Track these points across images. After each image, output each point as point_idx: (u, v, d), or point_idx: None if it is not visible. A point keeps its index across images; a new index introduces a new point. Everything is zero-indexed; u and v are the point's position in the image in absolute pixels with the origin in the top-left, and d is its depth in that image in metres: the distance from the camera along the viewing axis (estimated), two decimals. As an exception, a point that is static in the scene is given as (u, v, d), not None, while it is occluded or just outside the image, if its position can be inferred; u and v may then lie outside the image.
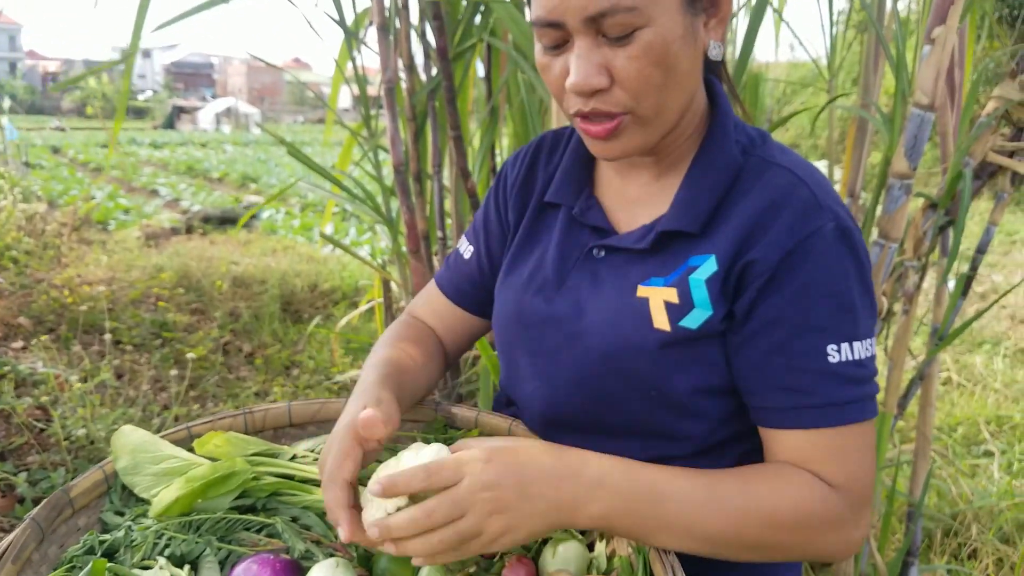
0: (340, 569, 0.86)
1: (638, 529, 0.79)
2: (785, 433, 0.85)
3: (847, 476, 0.83)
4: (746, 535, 0.80)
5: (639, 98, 0.82)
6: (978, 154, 1.64)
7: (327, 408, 1.20)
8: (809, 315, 0.82)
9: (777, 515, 0.80)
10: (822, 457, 0.83)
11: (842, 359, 0.82)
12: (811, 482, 0.83)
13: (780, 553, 0.83)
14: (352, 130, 2.32)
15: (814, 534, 0.82)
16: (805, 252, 0.82)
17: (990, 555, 2.11)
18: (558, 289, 0.97)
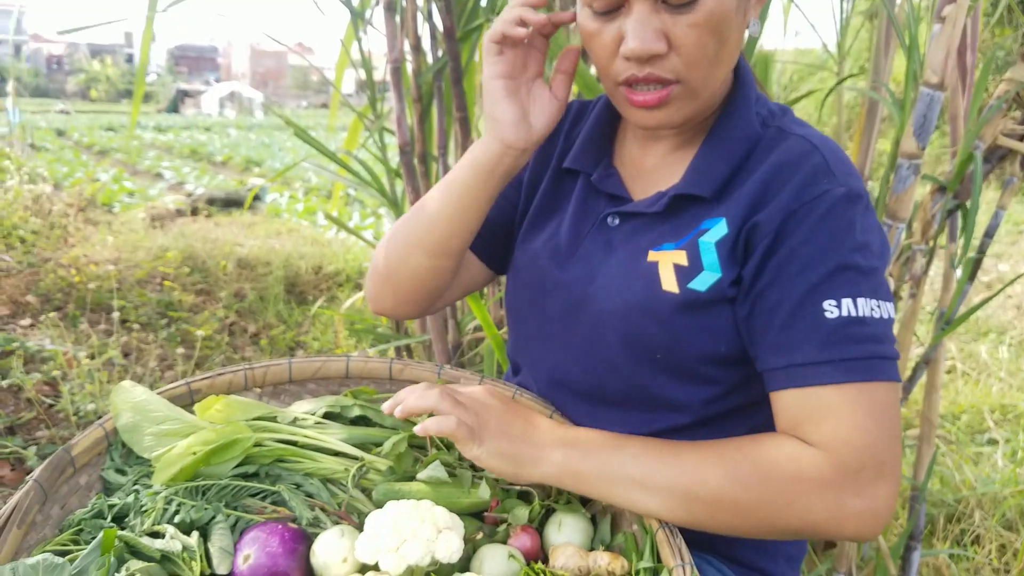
0: (346, 537, 0.87)
1: (593, 479, 0.84)
2: (781, 395, 0.82)
3: (833, 437, 0.78)
4: (707, 487, 0.79)
5: (692, 67, 0.82)
6: (988, 137, 1.63)
7: (328, 366, 1.19)
8: (805, 273, 0.81)
9: (739, 467, 0.79)
10: (808, 416, 0.80)
11: (842, 315, 0.79)
12: (782, 440, 0.81)
13: (759, 516, 0.79)
14: (358, 112, 2.31)
15: (787, 492, 0.78)
16: (806, 213, 0.82)
17: (993, 541, 2.12)
18: (571, 256, 0.98)
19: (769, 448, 0.80)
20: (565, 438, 0.87)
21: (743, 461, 0.80)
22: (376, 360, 1.20)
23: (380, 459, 1.04)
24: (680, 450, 0.83)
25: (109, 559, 0.77)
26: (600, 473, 0.83)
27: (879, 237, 0.85)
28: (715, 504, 0.79)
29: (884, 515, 0.78)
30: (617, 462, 0.83)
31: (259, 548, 0.84)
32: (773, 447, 0.80)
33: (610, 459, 0.84)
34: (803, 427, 0.80)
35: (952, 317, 1.66)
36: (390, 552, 0.81)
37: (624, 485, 0.82)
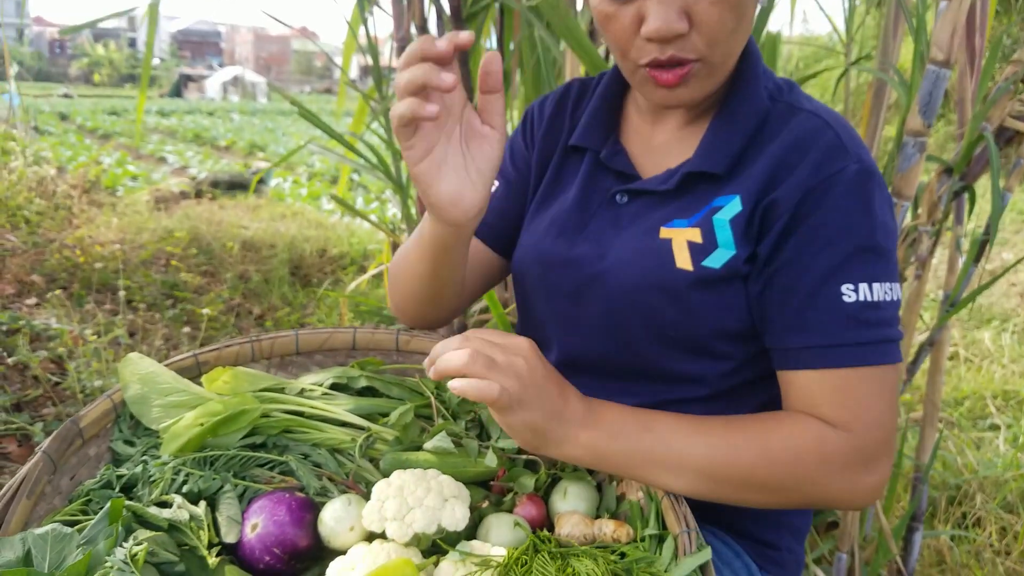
0: (353, 506, 0.87)
1: (620, 462, 0.81)
2: (796, 374, 0.84)
3: (853, 418, 0.81)
4: (738, 468, 0.80)
5: (713, 44, 0.82)
6: (995, 119, 1.63)
7: (335, 337, 1.19)
8: (824, 254, 0.82)
9: (770, 449, 0.80)
10: (828, 398, 0.82)
11: (859, 299, 0.81)
12: (807, 420, 0.82)
13: (782, 493, 0.81)
14: (364, 94, 2.31)
15: (814, 472, 0.80)
16: (824, 192, 0.82)
17: (994, 523, 2.13)
18: (580, 233, 0.97)
19: (796, 429, 0.82)
20: (593, 418, 0.81)
21: (772, 442, 0.80)
22: (383, 331, 1.20)
23: (387, 429, 1.05)
24: (709, 430, 0.81)
25: (117, 528, 0.78)
26: (627, 456, 0.81)
27: (892, 212, 0.86)
28: (743, 485, 0.81)
29: (884, 486, 0.83)
30: (646, 445, 0.80)
31: (267, 517, 0.85)
32: (800, 428, 0.81)
33: (639, 442, 0.81)
34: (821, 408, 0.82)
35: (957, 299, 1.66)
36: (396, 520, 0.82)
37: (651, 467, 0.81)
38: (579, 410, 0.81)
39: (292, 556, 0.84)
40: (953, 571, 1.94)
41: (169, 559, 0.77)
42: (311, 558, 0.86)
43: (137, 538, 0.78)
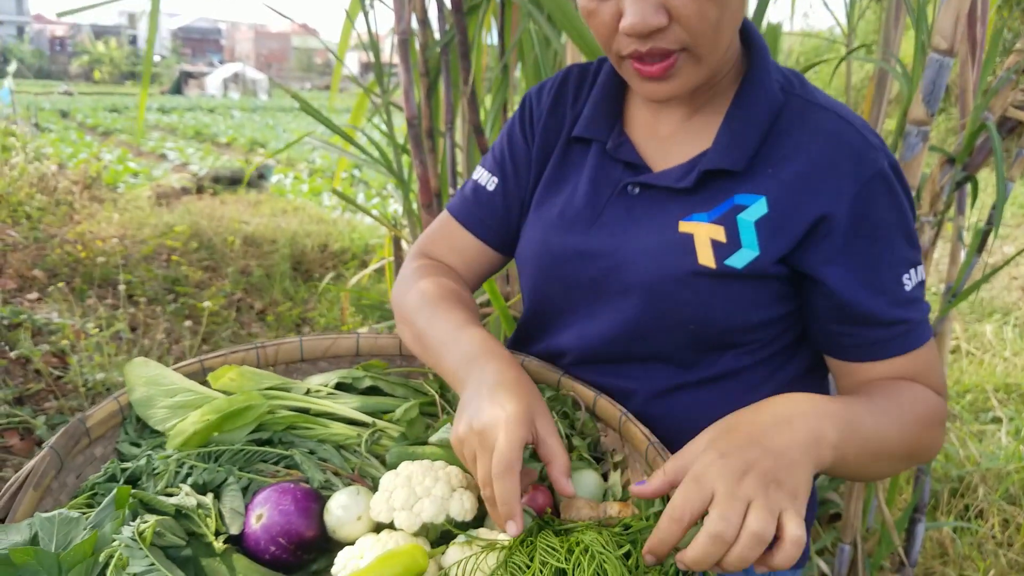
0: (361, 496, 0.87)
1: (856, 459, 0.79)
2: (883, 363, 0.90)
3: (941, 383, 0.92)
4: (908, 443, 0.86)
5: (697, 35, 0.82)
6: (997, 109, 1.62)
7: (339, 344, 1.20)
8: (887, 252, 0.87)
9: (924, 419, 0.87)
10: (921, 373, 0.90)
11: (914, 284, 0.89)
12: (933, 394, 0.90)
13: (916, 460, 0.90)
14: (365, 88, 2.31)
15: (937, 436, 0.89)
16: (871, 195, 0.85)
17: (996, 515, 2.13)
18: (592, 224, 0.97)
19: (929, 396, 0.89)
20: (825, 423, 0.74)
21: (923, 410, 0.87)
22: (386, 336, 1.21)
23: (392, 425, 1.05)
24: (890, 412, 0.84)
25: (124, 513, 0.78)
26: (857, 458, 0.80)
27: (911, 191, 0.92)
28: (906, 456, 0.88)
29: None
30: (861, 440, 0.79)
31: (272, 507, 0.85)
32: (931, 396, 0.90)
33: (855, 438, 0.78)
34: (916, 380, 0.90)
35: (960, 289, 1.66)
36: (405, 510, 0.82)
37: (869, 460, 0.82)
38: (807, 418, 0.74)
39: (298, 546, 0.84)
40: (955, 562, 1.94)
41: (176, 543, 0.77)
42: (317, 549, 0.86)
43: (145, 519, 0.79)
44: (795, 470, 0.69)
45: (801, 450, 0.70)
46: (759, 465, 0.67)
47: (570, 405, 1.02)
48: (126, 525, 0.75)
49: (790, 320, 0.93)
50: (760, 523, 0.64)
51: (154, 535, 0.75)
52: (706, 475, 0.67)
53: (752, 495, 0.65)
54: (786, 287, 0.90)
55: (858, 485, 1.70)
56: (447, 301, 1.02)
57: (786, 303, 0.91)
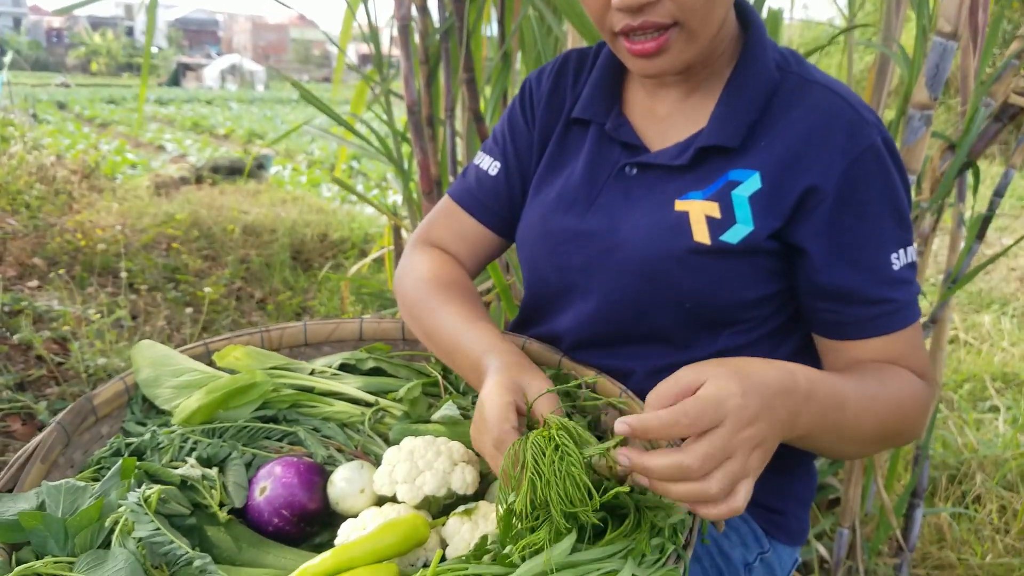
0: (365, 469, 0.88)
1: (822, 437, 0.79)
2: (866, 342, 0.90)
3: (925, 366, 0.91)
4: (885, 429, 0.86)
5: (688, 10, 0.82)
6: (999, 95, 1.62)
7: (342, 328, 1.21)
8: (876, 230, 0.86)
9: (905, 409, 0.87)
10: (905, 355, 0.90)
11: (902, 264, 0.88)
12: (909, 374, 0.89)
13: (893, 443, 0.91)
14: (365, 76, 2.31)
15: (917, 421, 0.89)
16: (860, 170, 0.85)
17: (993, 501, 2.14)
18: (590, 206, 0.97)
19: (913, 382, 0.89)
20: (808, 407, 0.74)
21: (904, 397, 0.87)
22: (389, 321, 1.22)
23: (395, 404, 1.05)
24: (873, 397, 0.83)
25: (129, 483, 0.79)
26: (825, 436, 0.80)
27: (906, 171, 0.91)
28: (881, 440, 0.88)
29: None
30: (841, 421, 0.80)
31: (275, 480, 0.86)
32: (915, 381, 0.89)
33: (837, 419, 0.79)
34: (899, 362, 0.90)
35: (960, 275, 1.67)
36: (407, 483, 0.83)
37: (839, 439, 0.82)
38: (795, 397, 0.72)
39: (301, 518, 0.84)
40: (953, 547, 1.95)
41: (180, 512, 0.78)
42: (320, 522, 0.87)
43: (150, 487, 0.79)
44: (774, 444, 0.70)
45: (785, 427, 0.70)
46: (761, 428, 0.66)
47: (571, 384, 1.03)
48: (131, 492, 0.75)
49: (785, 297, 0.93)
50: (719, 485, 0.63)
51: (159, 503, 0.76)
52: (726, 406, 0.64)
53: (735, 453, 0.64)
54: (780, 263, 0.90)
55: (857, 471, 1.70)
56: (449, 292, 1.03)
57: (781, 280, 0.92)
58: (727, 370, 0.67)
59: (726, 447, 0.64)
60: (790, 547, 1.04)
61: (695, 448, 0.63)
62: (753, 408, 0.65)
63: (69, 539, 0.73)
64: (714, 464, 0.63)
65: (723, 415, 0.64)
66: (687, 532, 0.71)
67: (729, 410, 0.64)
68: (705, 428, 0.63)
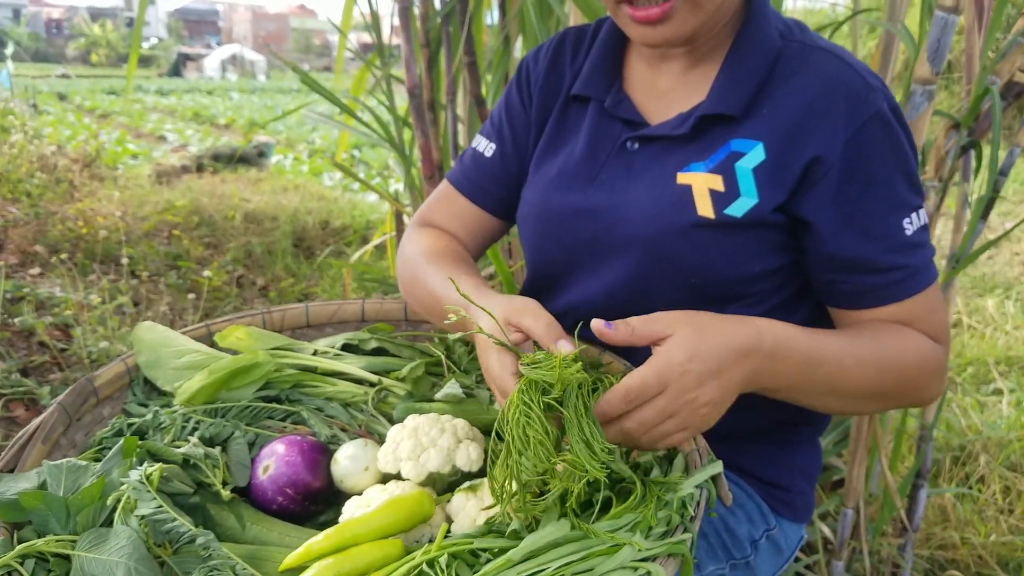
0: (369, 448, 0.88)
1: (797, 393, 0.84)
2: (881, 309, 0.89)
3: (941, 329, 0.90)
4: (879, 388, 0.86)
5: None
6: (1004, 73, 1.61)
7: (344, 309, 1.20)
8: (886, 197, 0.85)
9: (905, 370, 0.86)
10: (918, 319, 0.89)
11: (915, 228, 0.87)
12: (924, 339, 0.88)
13: (895, 403, 0.92)
14: (367, 61, 2.29)
15: (925, 383, 0.89)
16: (868, 137, 0.84)
17: (997, 482, 2.14)
18: (591, 183, 0.96)
19: (921, 346, 0.88)
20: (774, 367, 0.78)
21: (908, 360, 0.86)
22: (391, 301, 1.21)
23: (399, 383, 1.05)
24: (863, 356, 0.84)
25: (131, 462, 0.78)
26: (801, 391, 0.84)
27: (911, 134, 0.89)
28: (877, 398, 0.88)
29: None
30: (819, 378, 0.83)
31: (279, 459, 0.85)
32: (925, 345, 0.88)
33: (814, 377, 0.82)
34: (913, 326, 0.89)
35: (964, 255, 1.66)
36: (411, 460, 0.82)
37: (819, 395, 0.85)
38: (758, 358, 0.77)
39: (305, 497, 0.84)
40: (957, 528, 1.95)
41: (183, 490, 0.77)
42: (325, 501, 0.87)
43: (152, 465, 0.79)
44: (728, 400, 0.76)
45: (741, 385, 0.76)
46: (707, 390, 0.73)
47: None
48: (133, 470, 0.75)
49: (791, 271, 0.92)
50: (649, 440, 0.73)
51: (161, 480, 0.75)
52: (666, 378, 0.71)
53: (676, 414, 0.72)
54: (785, 236, 0.89)
55: (861, 451, 1.70)
56: (444, 258, 1.02)
57: (787, 252, 0.91)
58: (683, 335, 0.73)
59: (665, 410, 0.72)
60: (796, 524, 1.03)
61: (637, 415, 0.72)
62: (697, 373, 0.72)
63: (71, 518, 0.73)
64: (652, 425, 0.72)
65: (665, 384, 0.71)
66: (695, 505, 0.70)
67: (670, 380, 0.71)
68: (649, 399, 0.72)
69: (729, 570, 0.94)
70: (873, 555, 1.82)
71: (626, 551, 0.62)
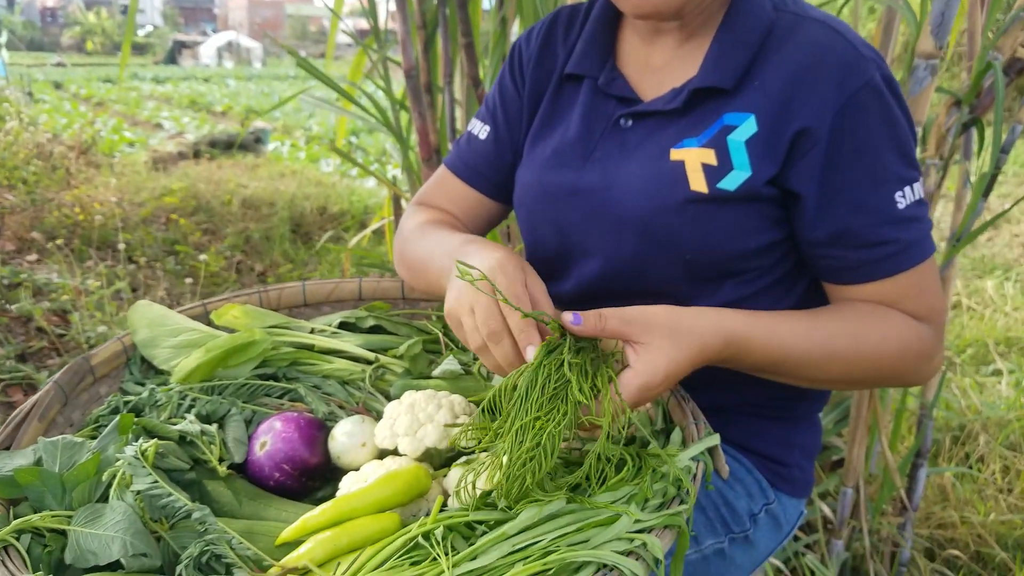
0: (366, 424, 0.87)
1: (762, 378, 0.87)
2: (867, 285, 0.87)
3: (930, 309, 0.88)
4: (852, 377, 0.86)
5: None
6: (1007, 49, 1.60)
7: (341, 288, 1.20)
8: (876, 169, 0.83)
9: (882, 360, 0.85)
10: (907, 297, 0.87)
11: (908, 202, 0.85)
12: (907, 322, 0.87)
13: (877, 387, 0.93)
14: (363, 44, 2.27)
15: (910, 368, 0.88)
16: (858, 107, 0.82)
17: (997, 462, 2.14)
18: (586, 160, 0.95)
19: (903, 330, 0.87)
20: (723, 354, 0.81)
21: (886, 347, 0.85)
22: (388, 280, 1.21)
23: (396, 361, 1.04)
24: (835, 347, 0.84)
25: (127, 439, 0.78)
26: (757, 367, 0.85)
27: (908, 109, 0.87)
28: (855, 383, 0.90)
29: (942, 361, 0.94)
30: (783, 372, 0.85)
31: (276, 435, 0.85)
32: (906, 328, 0.87)
33: (776, 370, 0.85)
34: (902, 305, 0.88)
35: (964, 233, 1.65)
36: (408, 436, 0.82)
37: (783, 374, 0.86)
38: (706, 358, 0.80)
39: (303, 473, 0.84)
40: (956, 507, 1.95)
41: (179, 466, 0.77)
42: (322, 477, 0.87)
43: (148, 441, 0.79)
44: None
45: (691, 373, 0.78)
46: (659, 390, 0.76)
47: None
48: (129, 446, 0.74)
49: (787, 246, 0.91)
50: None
51: (157, 456, 0.75)
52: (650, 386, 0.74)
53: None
54: (779, 210, 0.88)
55: (861, 431, 1.70)
56: (441, 225, 1.03)
57: (783, 227, 0.90)
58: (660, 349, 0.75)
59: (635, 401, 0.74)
60: (795, 499, 1.03)
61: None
62: (670, 381, 0.76)
63: (66, 494, 0.72)
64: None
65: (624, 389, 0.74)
66: (691, 478, 0.70)
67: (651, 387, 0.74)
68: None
69: (728, 544, 0.94)
70: (873, 534, 1.83)
71: (623, 521, 0.62)
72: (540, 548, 0.62)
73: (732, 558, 0.95)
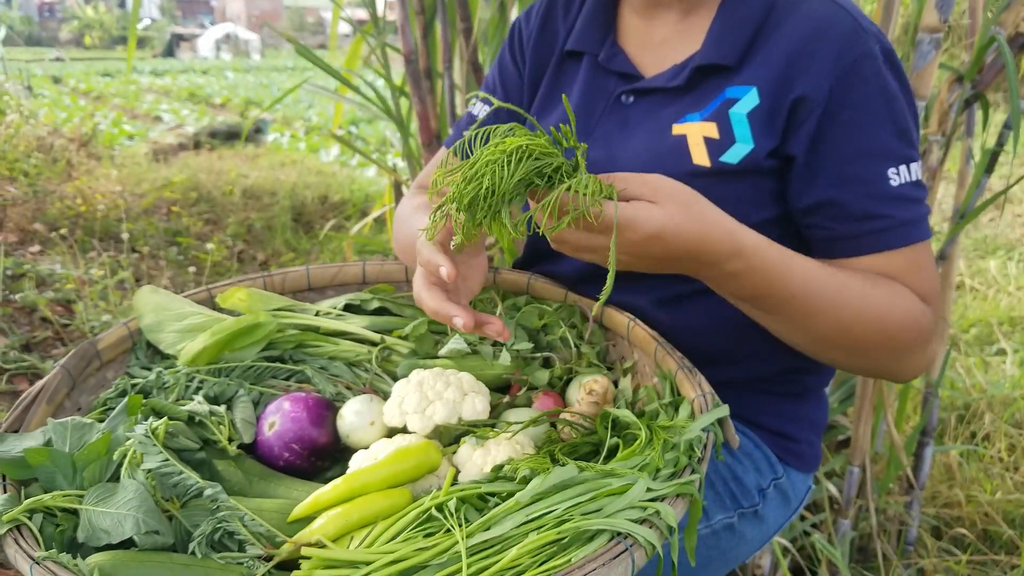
0: (374, 403, 0.87)
1: (758, 313, 0.83)
2: (861, 259, 0.85)
3: (929, 290, 0.85)
4: (855, 335, 0.82)
5: None
6: (1009, 24, 1.59)
7: (345, 271, 1.20)
8: (868, 141, 0.82)
9: (887, 320, 0.82)
10: (903, 274, 0.84)
11: (902, 181, 0.83)
12: (913, 296, 0.84)
13: (869, 360, 0.85)
14: (361, 31, 2.26)
15: (906, 348, 0.84)
16: (855, 77, 0.81)
17: (1002, 440, 2.14)
18: (587, 137, 0.95)
19: (910, 302, 0.84)
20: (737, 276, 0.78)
21: (892, 313, 0.82)
22: (392, 263, 1.21)
23: (402, 342, 1.04)
24: (847, 297, 0.82)
25: (136, 419, 0.78)
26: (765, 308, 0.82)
27: (911, 90, 0.86)
28: (850, 350, 0.84)
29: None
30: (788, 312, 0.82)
31: (284, 415, 0.85)
32: (913, 302, 0.84)
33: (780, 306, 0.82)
34: (898, 280, 0.85)
35: (968, 210, 1.65)
36: (417, 413, 0.82)
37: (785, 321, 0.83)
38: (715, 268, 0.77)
39: (312, 452, 0.84)
40: (962, 485, 1.95)
41: (189, 446, 0.77)
42: (331, 457, 0.87)
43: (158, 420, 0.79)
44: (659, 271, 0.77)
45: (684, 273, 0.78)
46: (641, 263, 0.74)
47: (578, 316, 1.02)
48: (138, 425, 0.75)
49: (790, 222, 0.91)
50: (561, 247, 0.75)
51: (167, 436, 0.75)
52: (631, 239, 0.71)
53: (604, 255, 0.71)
54: (781, 183, 0.88)
55: (867, 410, 1.70)
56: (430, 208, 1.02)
57: (783, 202, 0.89)
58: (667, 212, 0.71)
59: (603, 250, 0.70)
60: (804, 474, 1.03)
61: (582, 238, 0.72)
62: (651, 250, 0.72)
63: (77, 474, 0.72)
64: (583, 249, 0.73)
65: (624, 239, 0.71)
66: (702, 447, 0.70)
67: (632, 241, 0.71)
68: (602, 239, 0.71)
69: (737, 519, 0.94)
70: (879, 513, 1.83)
71: (636, 490, 0.62)
72: (554, 517, 0.62)
73: (742, 533, 0.95)
